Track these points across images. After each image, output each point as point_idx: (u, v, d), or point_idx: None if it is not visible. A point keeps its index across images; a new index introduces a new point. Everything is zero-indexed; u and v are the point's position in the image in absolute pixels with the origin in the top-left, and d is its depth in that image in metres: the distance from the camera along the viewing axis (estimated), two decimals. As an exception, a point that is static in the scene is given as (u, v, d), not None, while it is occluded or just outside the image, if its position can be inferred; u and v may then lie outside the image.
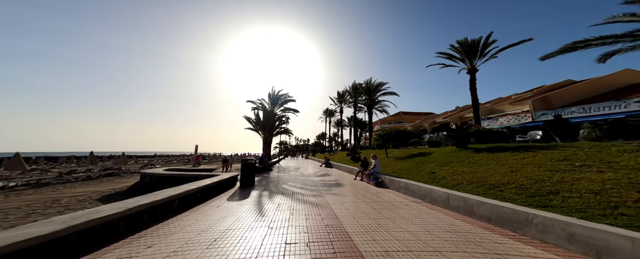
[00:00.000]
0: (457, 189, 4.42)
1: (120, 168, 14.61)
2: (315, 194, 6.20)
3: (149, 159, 36.65)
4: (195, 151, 20.72)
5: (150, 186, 7.09)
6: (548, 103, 15.58)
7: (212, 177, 6.32)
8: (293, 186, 7.69)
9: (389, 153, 12.81)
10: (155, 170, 7.31)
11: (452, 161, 6.64)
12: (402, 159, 9.97)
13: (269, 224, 3.54)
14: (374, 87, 24.90)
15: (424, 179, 5.83)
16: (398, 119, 49.13)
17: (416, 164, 7.99)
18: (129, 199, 3.43)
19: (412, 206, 4.56)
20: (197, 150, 20.73)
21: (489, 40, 14.22)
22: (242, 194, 6.20)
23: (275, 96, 26.36)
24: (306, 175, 11.36)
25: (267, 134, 25.15)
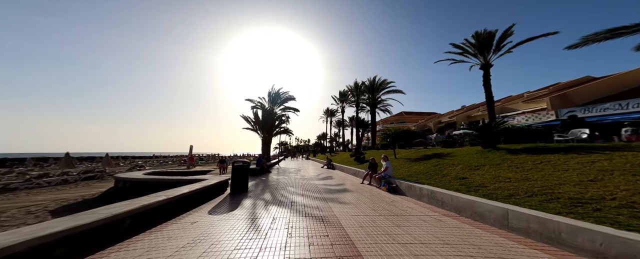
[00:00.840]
0: (514, 202, 3.31)
1: (104, 170, 13.52)
2: (319, 203, 5.12)
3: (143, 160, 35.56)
4: (190, 151, 19.59)
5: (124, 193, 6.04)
6: (568, 100, 14.50)
7: (197, 183, 5.25)
8: (293, 192, 6.61)
9: (397, 154, 11.72)
10: (132, 174, 6.26)
11: (483, 164, 5.55)
12: (414, 161, 8.88)
13: (256, 256, 2.46)
14: (378, 85, 23.79)
15: (454, 186, 4.74)
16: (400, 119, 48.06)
17: (435, 167, 6.89)
18: (51, 221, 2.34)
19: (449, 223, 3.46)
20: (191, 150, 19.61)
21: (508, 32, 13.12)
22: (231, 203, 5.12)
23: (275, 95, 25.32)
24: (307, 178, 10.27)
25: (266, 134, 24.08)
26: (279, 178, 10.27)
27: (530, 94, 18.61)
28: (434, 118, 33.45)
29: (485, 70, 14.05)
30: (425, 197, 4.81)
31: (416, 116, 47.50)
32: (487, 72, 14.03)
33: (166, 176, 8.15)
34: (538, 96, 17.43)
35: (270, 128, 23.92)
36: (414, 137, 11.55)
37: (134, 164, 22.92)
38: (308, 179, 9.70)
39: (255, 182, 8.68)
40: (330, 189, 7.15)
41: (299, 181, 9.08)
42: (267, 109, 24.43)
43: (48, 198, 7.55)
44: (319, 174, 12.02)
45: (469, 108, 27.03)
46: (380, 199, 5.45)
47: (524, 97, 18.57)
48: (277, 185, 7.97)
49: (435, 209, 4.31)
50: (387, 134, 11.70)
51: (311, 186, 7.80)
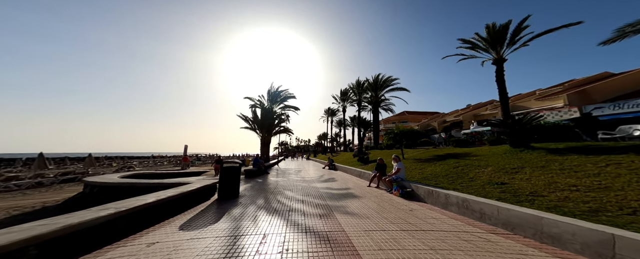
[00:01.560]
0: (611, 222, 2.33)
1: (86, 172, 12.57)
2: (323, 212, 4.18)
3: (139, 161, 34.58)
4: (184, 151, 18.68)
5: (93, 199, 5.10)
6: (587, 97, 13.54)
7: (172, 189, 4.31)
8: (291, 197, 5.67)
9: (405, 154, 10.75)
10: (104, 178, 5.34)
11: (522, 166, 4.59)
12: (426, 162, 7.92)
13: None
14: (381, 83, 22.81)
15: (494, 193, 3.77)
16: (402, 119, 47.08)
17: (455, 169, 5.93)
18: None
19: (507, 247, 2.51)
20: (186, 150, 18.70)
21: (523, 25, 12.16)
22: (215, 213, 4.18)
23: (274, 93, 24.44)
24: (308, 180, 9.32)
25: (265, 133, 23.18)
26: (277, 180, 9.32)
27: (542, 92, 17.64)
28: (437, 117, 32.47)
29: (499, 65, 13.09)
30: (454, 206, 3.85)
31: (418, 116, 46.55)
32: (500, 67, 13.07)
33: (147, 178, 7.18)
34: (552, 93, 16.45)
35: (269, 127, 23.02)
36: (420, 137, 10.60)
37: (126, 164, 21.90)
38: (309, 182, 8.74)
39: (251, 185, 7.73)
40: (334, 193, 6.20)
41: (298, 184, 8.13)
42: (266, 108, 23.55)
43: (2, 205, 6.50)
44: (320, 176, 11.06)
45: (475, 107, 26.04)
46: (395, 206, 4.50)
47: (536, 94, 17.58)
48: (274, 188, 7.02)
49: (473, 224, 3.35)
50: (394, 132, 10.74)
51: (312, 189, 6.85)
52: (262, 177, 10.57)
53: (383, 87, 23.31)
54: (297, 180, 9.37)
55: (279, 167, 18.07)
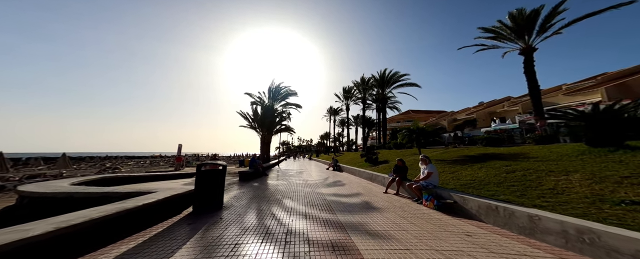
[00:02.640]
0: None
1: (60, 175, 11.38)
2: (336, 237, 2.86)
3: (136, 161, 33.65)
4: (178, 151, 17.54)
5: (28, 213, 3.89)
6: (628, 90, 11.98)
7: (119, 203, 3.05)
8: (291, 208, 4.38)
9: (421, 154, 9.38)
10: (49, 185, 4.13)
11: (637, 174, 3.18)
12: (457, 164, 6.54)
13: None
14: (389, 78, 21.35)
15: (626, 218, 2.36)
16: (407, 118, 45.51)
17: (511, 175, 4.55)
18: None
19: None
20: (180, 150, 17.57)
21: (558, 9, 10.69)
22: (179, 235, 2.91)
23: (275, 89, 23.21)
24: (312, 184, 8.02)
25: (265, 132, 21.97)
26: (276, 184, 8.05)
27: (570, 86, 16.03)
28: (446, 116, 30.84)
29: (527, 55, 11.64)
30: (554, 235, 2.46)
31: (424, 115, 44.88)
32: (529, 58, 11.62)
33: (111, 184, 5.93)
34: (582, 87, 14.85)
35: (270, 125, 21.80)
36: (430, 136, 9.23)
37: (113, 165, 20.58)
38: (313, 186, 7.44)
39: (243, 191, 6.46)
40: (345, 202, 4.88)
41: (300, 189, 6.83)
42: (266, 105, 22.34)
43: None
44: (325, 178, 9.75)
45: (489, 104, 24.42)
46: (438, 226, 3.17)
47: (563, 89, 15.98)
48: (271, 196, 5.73)
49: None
50: (409, 129, 9.36)
51: (317, 197, 5.54)
52: (259, 180, 9.30)
53: (390, 84, 21.88)
54: (299, 184, 8.07)
55: (279, 168, 16.82)
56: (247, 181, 8.70)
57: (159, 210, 3.33)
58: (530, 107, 17.21)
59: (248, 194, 5.91)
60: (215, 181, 3.88)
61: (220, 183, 4.03)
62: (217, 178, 3.91)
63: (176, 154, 18.49)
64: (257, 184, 8.10)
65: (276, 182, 8.42)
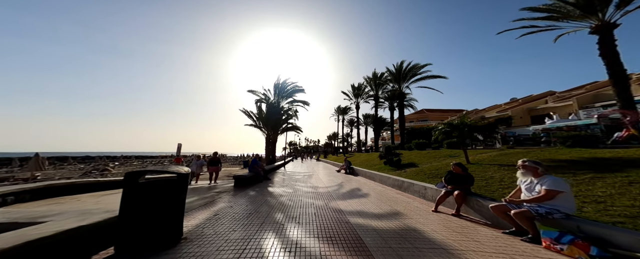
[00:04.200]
0: None
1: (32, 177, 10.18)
2: None
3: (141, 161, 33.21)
4: (178, 151, 16.25)
5: None
6: None
7: None
8: (295, 242, 2.60)
9: (461, 157, 7.29)
10: None
11: None
12: (557, 174, 4.47)
13: None
14: (406, 72, 19.05)
15: None
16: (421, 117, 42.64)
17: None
18: None
19: None
20: (179, 150, 16.31)
21: None
22: None
23: (281, 86, 21.68)
24: (324, 193, 6.20)
25: (270, 131, 20.48)
26: (278, 192, 6.31)
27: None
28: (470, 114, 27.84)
29: (605, 33, 9.14)
30: None
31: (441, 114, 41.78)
32: (606, 37, 9.12)
33: None
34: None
35: (275, 124, 20.27)
36: (494, 130, 7.13)
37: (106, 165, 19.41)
38: (326, 197, 5.62)
39: (231, 205, 4.77)
40: (382, 230, 3.03)
41: (310, 202, 5.04)
42: (271, 103, 20.85)
43: None
44: (339, 185, 7.89)
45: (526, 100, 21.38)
46: None
47: (633, 78, 13.13)
48: (267, 214, 3.99)
49: None
50: (453, 125, 7.30)
51: (336, 218, 3.72)
52: (258, 186, 7.60)
53: (408, 78, 19.54)
54: (308, 193, 6.28)
55: (285, 171, 15.15)
56: (243, 188, 7.03)
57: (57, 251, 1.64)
58: (589, 101, 14.42)
59: (235, 211, 4.20)
60: (162, 201, 2.19)
61: (175, 204, 2.34)
62: (166, 196, 2.23)
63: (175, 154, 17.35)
64: (254, 192, 6.41)
65: (279, 191, 6.68)
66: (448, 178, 4.02)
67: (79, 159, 37.45)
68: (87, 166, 21.80)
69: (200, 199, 5.10)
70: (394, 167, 9.56)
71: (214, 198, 5.39)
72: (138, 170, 2.15)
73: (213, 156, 9.22)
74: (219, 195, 5.73)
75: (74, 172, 16.42)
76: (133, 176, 2.09)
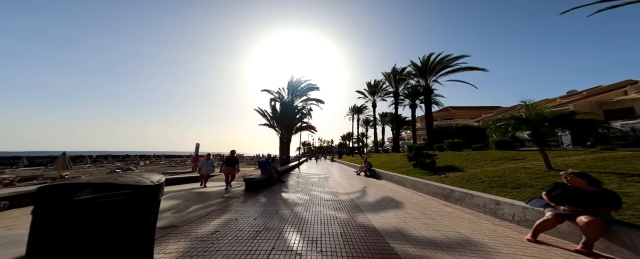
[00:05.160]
0: None
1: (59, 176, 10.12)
2: None
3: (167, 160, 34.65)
4: (196, 150, 16.39)
5: None
6: None
7: None
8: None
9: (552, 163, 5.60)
10: None
11: None
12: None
13: None
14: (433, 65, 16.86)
15: None
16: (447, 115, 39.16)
17: None
18: None
19: None
20: (197, 150, 16.44)
21: None
22: None
23: (295, 84, 21.01)
24: (346, 202, 5.10)
25: (284, 131, 19.92)
26: (292, 200, 5.37)
27: None
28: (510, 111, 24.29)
29: None
30: None
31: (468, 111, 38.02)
32: None
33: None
34: None
35: (289, 123, 19.65)
36: (595, 127, 5.34)
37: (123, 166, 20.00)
38: (351, 208, 4.53)
39: (237, 217, 3.92)
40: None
41: (331, 215, 3.98)
42: (285, 101, 20.27)
43: None
44: (362, 191, 6.73)
45: (594, 92, 17.67)
46: None
47: None
48: (278, 237, 3.00)
49: None
50: (520, 119, 5.67)
51: (375, 246, 2.60)
52: (270, 191, 6.75)
53: (436, 71, 17.30)
54: (328, 201, 5.25)
55: (299, 172, 14.33)
56: (254, 193, 6.23)
57: None
58: None
59: (240, 227, 3.31)
60: (114, 230, 1.34)
61: (137, 231, 1.47)
62: (121, 221, 1.36)
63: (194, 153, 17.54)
64: (266, 198, 5.55)
65: (294, 197, 5.75)
66: (558, 194, 2.66)
67: (119, 158, 40.73)
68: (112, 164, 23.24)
69: (202, 209, 4.35)
70: (428, 171, 8.10)
71: (219, 206, 4.62)
72: (68, 183, 1.30)
73: (230, 155, 7.52)
74: (226, 202, 4.96)
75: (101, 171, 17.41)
76: (56, 193, 1.24)
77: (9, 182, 9.19)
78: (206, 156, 7.77)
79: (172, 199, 5.11)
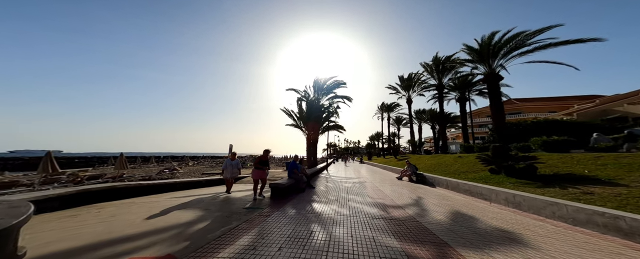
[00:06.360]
0: None
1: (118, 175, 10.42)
2: None
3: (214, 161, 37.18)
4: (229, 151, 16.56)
5: None
6: None
7: None
8: None
9: None
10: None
11: None
12: None
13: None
14: (500, 45, 12.93)
15: None
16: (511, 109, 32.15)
17: None
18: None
19: None
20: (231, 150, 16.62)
21: None
22: None
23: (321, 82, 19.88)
24: (409, 221, 3.40)
25: (311, 131, 18.93)
26: (328, 214, 3.94)
27: None
28: (626, 100, 17.66)
29: None
30: None
31: (543, 104, 30.41)
32: None
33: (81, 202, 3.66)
34: None
35: (315, 122, 18.59)
36: None
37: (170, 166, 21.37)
38: (423, 234, 2.83)
39: (250, 242, 2.69)
40: None
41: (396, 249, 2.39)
42: (311, 100, 19.27)
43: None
44: (418, 203, 4.87)
45: None
46: None
47: None
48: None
49: None
50: None
51: None
52: (299, 200, 5.47)
53: (505, 53, 13.15)
54: (378, 221, 3.62)
55: (328, 175, 12.92)
56: (280, 202, 5.06)
57: None
58: None
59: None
60: None
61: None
62: None
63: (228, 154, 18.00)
64: (294, 211, 4.29)
65: (328, 211, 4.33)
66: None
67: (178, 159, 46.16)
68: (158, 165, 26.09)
69: (215, 225, 3.30)
70: (522, 179, 5.67)
71: (238, 221, 3.53)
72: None
73: (264, 155, 5.75)
74: (247, 216, 3.88)
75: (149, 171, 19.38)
76: None
77: (80, 180, 10.39)
78: (231, 156, 6.76)
79: (187, 208, 4.31)
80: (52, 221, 3.38)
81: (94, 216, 3.67)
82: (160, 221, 3.36)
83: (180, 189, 7.36)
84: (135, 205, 4.61)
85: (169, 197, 5.72)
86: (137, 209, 4.29)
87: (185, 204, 4.63)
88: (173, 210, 4.16)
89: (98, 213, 3.92)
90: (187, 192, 6.65)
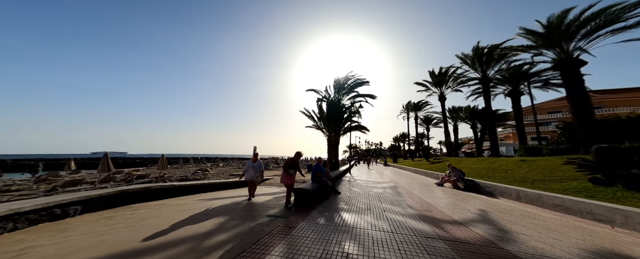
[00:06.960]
0: None
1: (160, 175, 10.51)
2: None
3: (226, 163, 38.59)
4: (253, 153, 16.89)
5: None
6: None
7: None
8: None
9: None
10: None
11: None
12: None
13: None
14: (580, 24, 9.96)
15: None
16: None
17: None
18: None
19: None
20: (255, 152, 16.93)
21: None
22: None
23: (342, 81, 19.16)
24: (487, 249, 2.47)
25: (332, 132, 18.25)
26: (365, 230, 3.13)
27: None
28: None
29: None
30: None
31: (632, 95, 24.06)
32: None
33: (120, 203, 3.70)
34: None
35: (336, 123, 17.85)
36: None
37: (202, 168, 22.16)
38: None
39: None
40: None
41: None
42: (332, 100, 18.63)
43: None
44: (486, 218, 3.71)
45: None
46: None
47: None
48: None
49: None
50: None
51: None
52: (326, 209, 4.82)
53: (586, 33, 10.01)
54: (434, 239, 2.64)
55: (352, 179, 12.03)
56: (305, 211, 4.51)
57: None
58: None
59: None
60: None
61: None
62: None
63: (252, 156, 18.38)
64: (323, 220, 3.67)
65: (364, 224, 3.57)
66: None
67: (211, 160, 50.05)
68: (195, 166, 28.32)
69: (231, 240, 2.87)
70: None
71: (258, 235, 3.07)
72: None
73: (295, 158, 5.14)
74: (269, 226, 3.42)
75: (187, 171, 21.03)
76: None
77: (131, 179, 11.58)
78: (253, 158, 6.41)
79: (209, 216, 4.05)
80: (89, 223, 3.42)
81: (126, 219, 3.64)
82: (181, 231, 3.09)
83: (208, 191, 7.43)
84: (164, 207, 4.60)
85: (197, 199, 5.70)
86: (165, 211, 4.23)
87: (209, 210, 4.43)
88: (198, 215, 3.94)
89: (131, 215, 3.92)
90: (213, 194, 6.64)
